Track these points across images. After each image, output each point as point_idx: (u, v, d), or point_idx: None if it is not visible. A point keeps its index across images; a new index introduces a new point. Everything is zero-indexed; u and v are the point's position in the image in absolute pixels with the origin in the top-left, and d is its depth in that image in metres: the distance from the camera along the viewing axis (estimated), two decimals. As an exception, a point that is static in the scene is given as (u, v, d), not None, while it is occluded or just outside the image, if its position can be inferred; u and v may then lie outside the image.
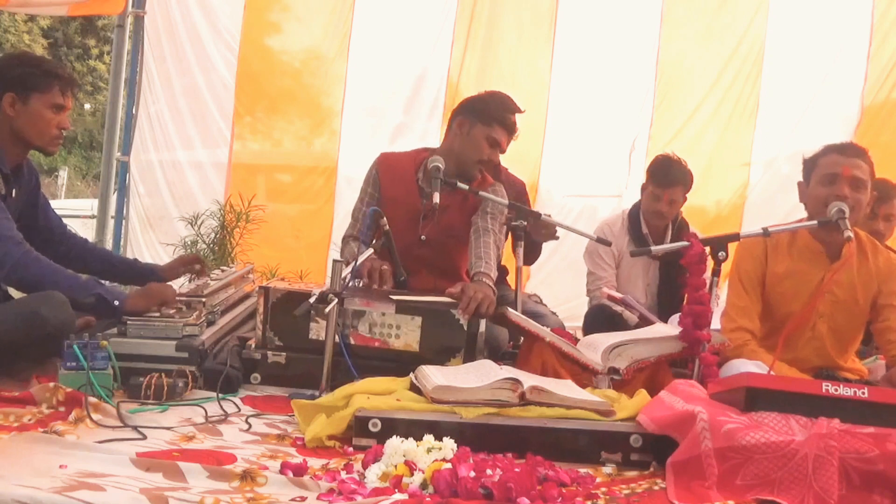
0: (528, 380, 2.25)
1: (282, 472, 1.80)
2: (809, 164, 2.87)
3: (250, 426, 2.22)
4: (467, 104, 3.25)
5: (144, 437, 2.02)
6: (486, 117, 3.16)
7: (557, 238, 3.45)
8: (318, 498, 1.68)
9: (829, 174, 2.77)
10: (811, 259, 2.85)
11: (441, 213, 3.15)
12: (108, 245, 5.39)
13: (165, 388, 2.34)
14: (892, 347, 2.77)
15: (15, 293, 2.74)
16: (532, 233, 3.27)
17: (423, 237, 3.19)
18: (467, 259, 3.13)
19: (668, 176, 3.71)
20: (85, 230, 6.50)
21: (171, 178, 5.41)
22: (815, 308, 2.81)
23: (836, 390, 1.90)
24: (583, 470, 1.96)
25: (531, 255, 3.77)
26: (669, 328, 2.94)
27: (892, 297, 2.81)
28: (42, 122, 2.72)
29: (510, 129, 3.22)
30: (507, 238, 3.64)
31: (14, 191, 2.78)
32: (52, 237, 2.92)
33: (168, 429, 2.12)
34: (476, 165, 3.19)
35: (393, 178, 3.26)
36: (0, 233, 2.55)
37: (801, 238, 2.87)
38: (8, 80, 2.69)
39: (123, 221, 5.36)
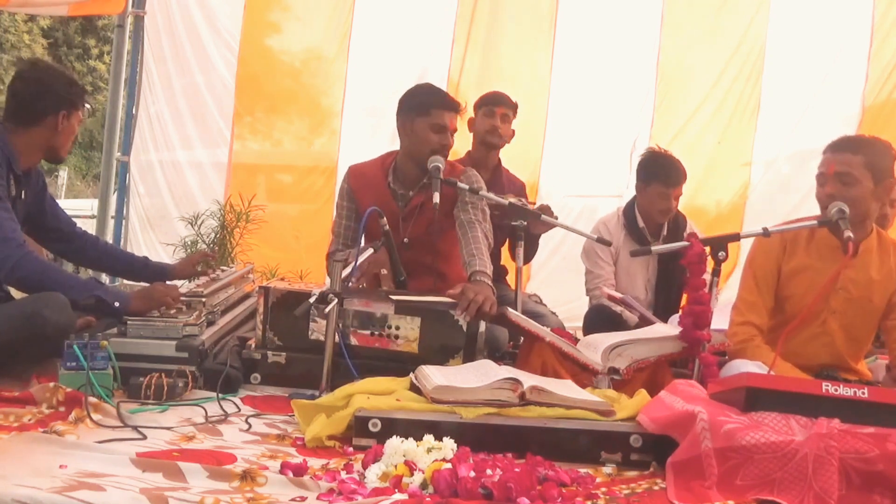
0: (528, 380, 2.26)
1: (282, 472, 1.81)
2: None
3: (250, 426, 2.22)
4: (401, 103, 3.26)
5: (144, 437, 2.02)
6: (420, 107, 3.17)
7: (556, 217, 3.48)
8: (318, 498, 1.69)
9: (819, 174, 2.78)
10: (828, 255, 2.81)
11: (419, 212, 3.15)
12: (108, 245, 5.39)
13: (165, 388, 2.35)
14: None
15: (16, 295, 2.75)
16: (530, 226, 3.27)
17: (405, 240, 3.17)
18: (456, 253, 3.11)
19: (674, 173, 3.71)
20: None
21: (171, 178, 5.41)
22: (827, 304, 2.78)
23: (836, 390, 1.90)
24: (583, 470, 1.96)
25: (529, 252, 3.76)
26: (669, 328, 2.94)
27: None
28: (70, 138, 2.88)
29: (450, 107, 3.18)
30: (506, 239, 3.64)
31: (24, 192, 2.81)
32: (64, 236, 2.96)
33: (168, 429, 2.12)
34: (431, 157, 3.12)
35: (364, 187, 3.25)
36: (4, 234, 2.57)
37: (820, 233, 2.84)
38: (61, 98, 2.80)
39: (123, 221, 5.35)
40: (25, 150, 2.76)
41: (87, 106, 2.93)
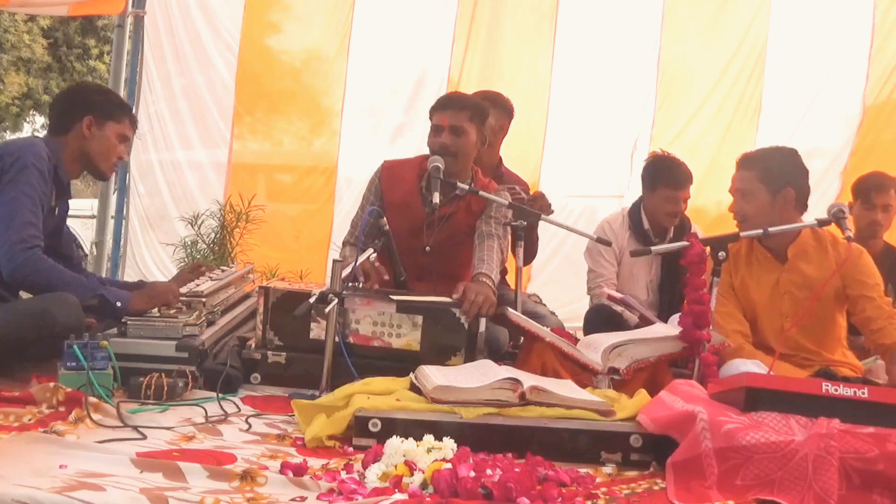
0: (528, 380, 2.26)
1: (282, 472, 1.81)
2: None
3: (250, 426, 2.22)
4: None
5: (144, 437, 2.02)
6: (430, 115, 3.23)
7: (552, 212, 3.51)
8: (318, 498, 1.69)
9: (729, 190, 3.00)
10: (764, 264, 2.95)
11: (445, 222, 3.14)
12: (108, 245, 5.39)
13: (165, 388, 2.34)
14: (877, 336, 2.81)
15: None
16: (529, 204, 3.27)
17: (427, 248, 3.16)
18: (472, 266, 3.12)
19: (681, 176, 3.70)
20: (85, 230, 6.51)
21: (170, 178, 5.41)
22: (779, 310, 2.89)
23: (836, 390, 1.90)
24: (583, 470, 1.96)
25: (529, 252, 3.76)
26: (669, 328, 2.93)
27: (862, 288, 2.85)
28: (110, 149, 2.87)
29: (441, 106, 3.21)
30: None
31: (57, 209, 2.84)
32: (70, 266, 2.91)
33: (168, 429, 2.12)
34: (435, 154, 3.11)
35: (396, 185, 3.23)
36: (19, 234, 2.57)
37: (754, 245, 2.98)
38: (90, 104, 2.84)
39: (123, 221, 5.35)
40: (65, 160, 2.82)
41: (129, 122, 2.91)
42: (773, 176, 2.86)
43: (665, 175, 3.69)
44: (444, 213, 3.13)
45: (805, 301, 2.85)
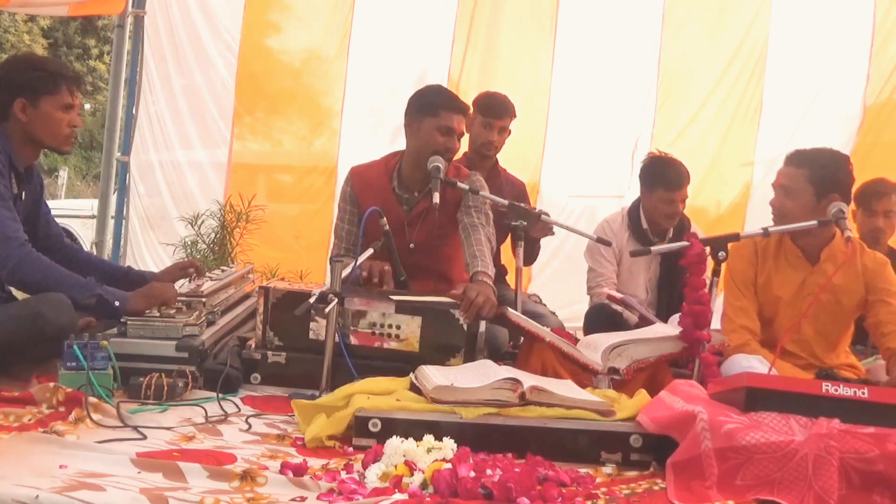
0: (528, 380, 2.26)
1: (282, 472, 1.81)
2: None
3: (250, 426, 2.22)
4: (410, 103, 3.22)
5: (144, 437, 2.02)
6: (429, 108, 3.13)
7: (553, 234, 3.48)
8: (318, 498, 1.69)
9: (772, 184, 2.94)
10: (793, 262, 2.92)
11: (424, 217, 3.13)
12: (108, 245, 5.39)
13: (165, 388, 2.35)
14: (886, 340, 2.81)
15: (19, 295, 2.74)
16: (528, 230, 3.26)
17: (411, 245, 3.16)
18: (460, 257, 3.11)
19: (677, 178, 3.69)
20: (85, 230, 6.51)
21: (170, 178, 5.40)
22: (799, 309, 2.86)
23: (836, 390, 1.90)
24: (583, 470, 1.96)
25: (530, 256, 3.77)
26: (669, 328, 2.94)
27: (882, 294, 2.85)
28: (54, 124, 2.73)
29: (459, 110, 3.15)
30: (506, 237, 3.64)
31: (24, 193, 2.79)
32: (52, 246, 2.90)
33: (168, 429, 2.12)
34: (431, 157, 3.08)
35: (368, 190, 3.21)
36: (5, 233, 2.56)
37: (786, 242, 2.94)
38: (17, 86, 2.69)
39: (123, 221, 5.35)
40: (16, 146, 2.71)
41: (66, 89, 2.72)
42: (824, 179, 2.79)
43: (661, 177, 3.68)
44: (421, 209, 3.13)
45: (827, 305, 2.85)
